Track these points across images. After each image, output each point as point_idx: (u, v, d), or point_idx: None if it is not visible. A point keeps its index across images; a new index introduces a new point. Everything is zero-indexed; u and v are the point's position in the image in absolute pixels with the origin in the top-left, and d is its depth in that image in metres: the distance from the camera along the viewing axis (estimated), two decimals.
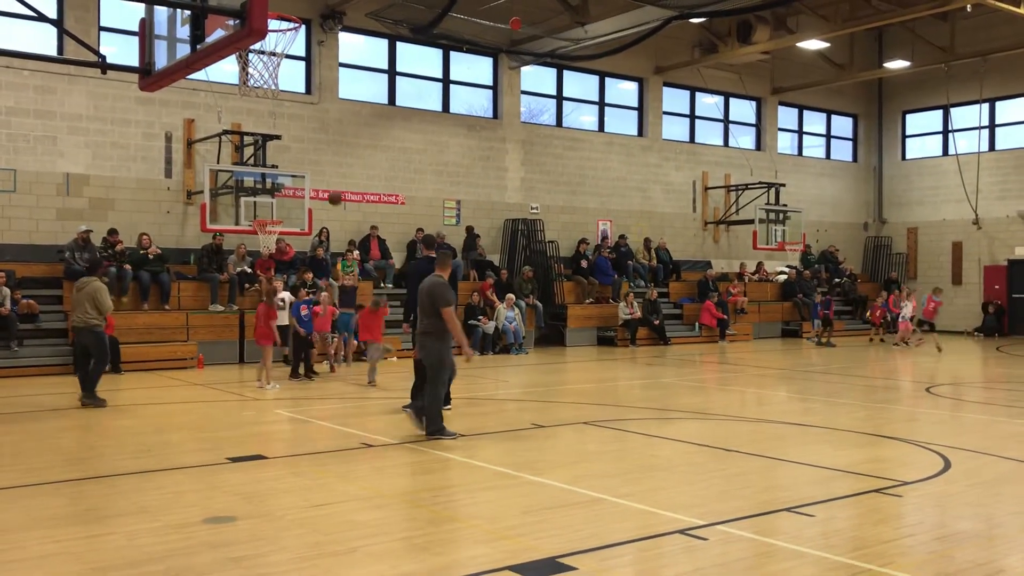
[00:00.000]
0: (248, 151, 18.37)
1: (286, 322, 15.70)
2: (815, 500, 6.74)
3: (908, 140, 30.92)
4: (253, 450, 8.58)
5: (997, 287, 27.16)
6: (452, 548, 5.55)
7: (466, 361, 9.67)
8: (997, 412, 11.68)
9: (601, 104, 25.45)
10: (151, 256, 17.15)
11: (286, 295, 15.72)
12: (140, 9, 9.21)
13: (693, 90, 26.96)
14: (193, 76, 10.37)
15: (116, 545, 5.56)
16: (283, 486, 7.21)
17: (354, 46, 21.38)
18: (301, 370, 14.65)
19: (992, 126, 28.39)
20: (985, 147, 28.25)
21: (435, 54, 22.49)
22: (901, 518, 6.47)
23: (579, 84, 25.07)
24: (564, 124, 24.69)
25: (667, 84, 26.33)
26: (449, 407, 11.12)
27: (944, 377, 16.13)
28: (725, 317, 23.48)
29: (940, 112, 29.24)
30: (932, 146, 30.16)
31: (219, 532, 5.83)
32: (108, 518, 6.22)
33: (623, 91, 25.98)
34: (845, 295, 27.63)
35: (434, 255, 11.17)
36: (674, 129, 26.80)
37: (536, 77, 24.23)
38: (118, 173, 18.11)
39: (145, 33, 9.12)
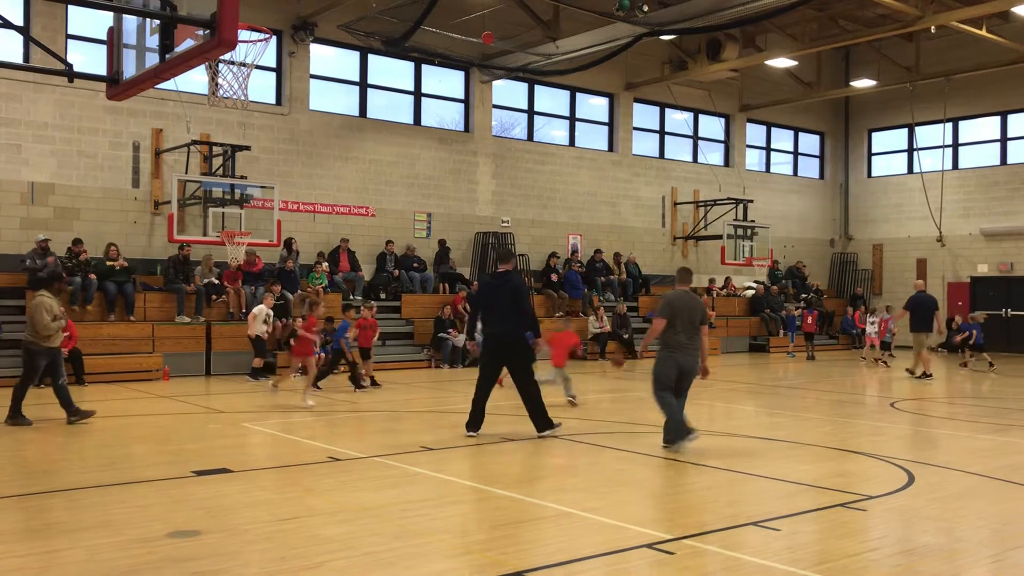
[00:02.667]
0: (217, 161, 18.23)
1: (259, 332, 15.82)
2: (781, 514, 6.78)
3: (874, 158, 31.37)
4: (219, 464, 8.48)
5: (960, 304, 27.55)
6: (419, 563, 5.52)
7: (702, 377, 9.60)
8: (960, 427, 11.83)
9: (572, 119, 25.58)
10: (118, 267, 16.95)
11: (263, 307, 15.77)
12: (108, 18, 9.12)
13: (663, 106, 27.18)
14: (162, 86, 10.32)
15: (77, 560, 5.47)
16: (248, 500, 7.14)
17: (325, 58, 21.34)
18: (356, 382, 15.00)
19: (956, 145, 28.88)
20: (949, 166, 28.73)
21: (407, 67, 22.50)
22: (866, 532, 6.53)
23: (550, 99, 25.19)
24: (535, 138, 24.79)
25: (637, 100, 26.52)
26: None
27: (908, 392, 16.31)
28: None
29: (905, 131, 29.70)
30: (897, 164, 30.61)
31: (183, 547, 5.76)
32: (69, 532, 6.12)
33: (594, 106, 26.13)
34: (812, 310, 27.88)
35: (511, 268, 10.84)
36: (644, 145, 26.99)
37: (508, 91, 24.31)
38: (84, 182, 17.91)
39: (113, 42, 9.03)
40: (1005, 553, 6.05)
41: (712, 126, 28.42)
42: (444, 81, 23.17)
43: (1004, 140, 28.02)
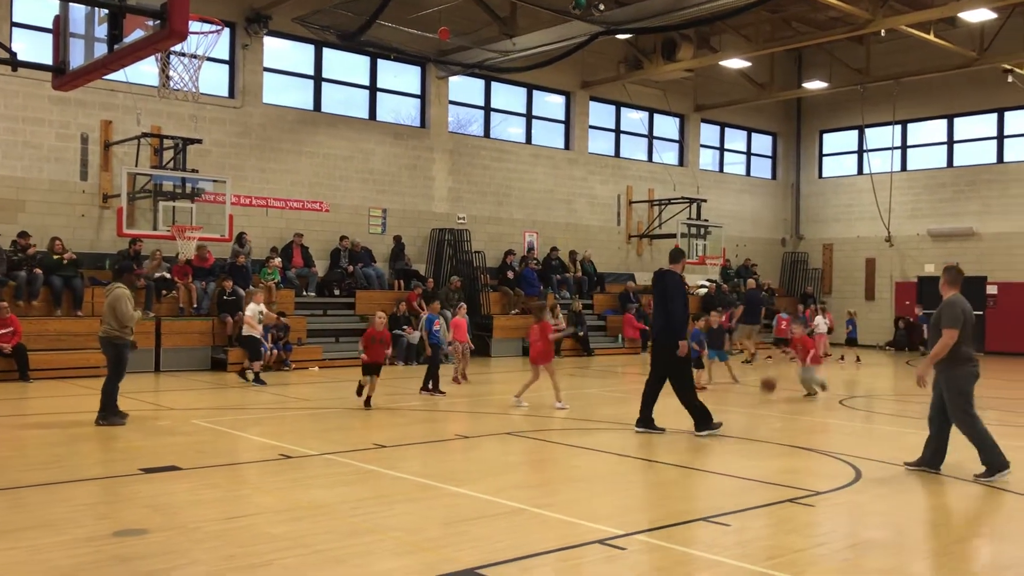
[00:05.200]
0: (168, 155, 17.95)
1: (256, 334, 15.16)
2: (731, 510, 6.85)
3: (825, 159, 31.83)
4: (167, 461, 8.35)
5: (908, 303, 28.10)
6: (370, 560, 5.48)
7: (921, 385, 8.26)
8: (906, 424, 12.04)
9: (528, 116, 25.60)
10: (65, 261, 16.61)
11: (254, 306, 15.16)
12: (55, 5, 8.91)
13: (619, 105, 27.32)
14: (111, 77, 10.10)
15: (17, 560, 5.35)
16: (197, 498, 7.03)
17: (279, 51, 21.09)
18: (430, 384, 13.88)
19: (904, 147, 29.42)
20: (898, 167, 29.26)
21: (362, 61, 22.33)
22: (813, 527, 6.62)
23: (507, 96, 25.18)
24: (492, 135, 24.76)
25: (593, 99, 26.62)
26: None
27: (857, 389, 16.59)
28: (647, 328, 23.77)
29: (855, 132, 30.18)
30: (847, 165, 31.11)
31: (130, 545, 5.65)
32: (10, 532, 5.97)
33: (550, 104, 26.18)
34: (764, 309, 28.23)
35: (677, 269, 10.35)
36: (600, 143, 27.11)
37: (464, 88, 24.25)
38: (29, 174, 17.51)
39: (60, 31, 8.83)
40: (949, 547, 6.18)
41: (667, 125, 28.64)
42: (400, 76, 23.03)
43: (951, 143, 28.61)
